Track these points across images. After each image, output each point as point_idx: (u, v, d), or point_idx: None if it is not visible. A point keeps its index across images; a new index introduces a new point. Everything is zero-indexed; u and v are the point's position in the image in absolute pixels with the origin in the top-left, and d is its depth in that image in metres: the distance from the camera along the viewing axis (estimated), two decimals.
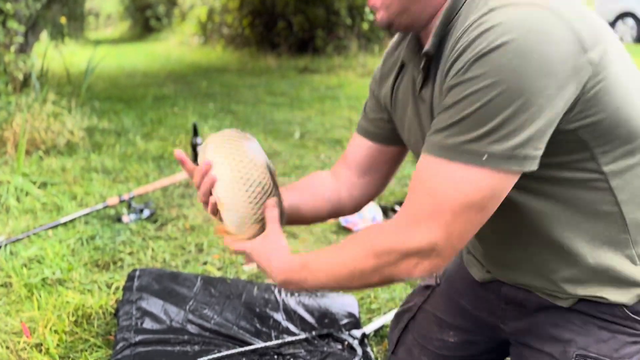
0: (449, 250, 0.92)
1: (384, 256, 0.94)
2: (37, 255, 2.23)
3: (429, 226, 0.90)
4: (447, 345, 1.39)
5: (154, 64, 9.91)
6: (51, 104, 3.96)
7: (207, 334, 1.66)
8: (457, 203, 0.88)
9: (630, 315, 1.05)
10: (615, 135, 0.94)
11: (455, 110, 0.87)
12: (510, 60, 0.83)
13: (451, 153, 0.87)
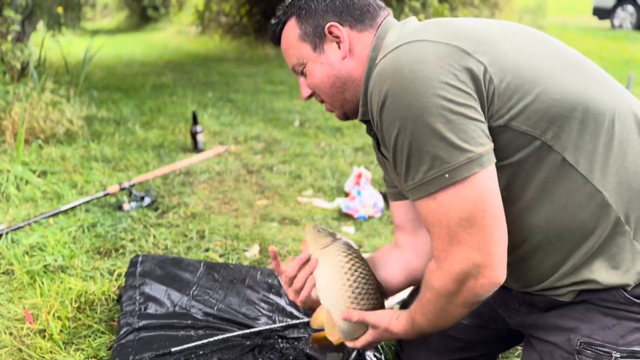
0: (490, 258, 0.98)
1: (445, 293, 1.05)
2: (38, 242, 2.23)
3: (455, 249, 0.99)
4: (459, 327, 1.39)
5: (152, 53, 9.86)
6: (49, 93, 3.94)
7: (211, 319, 1.66)
8: (458, 221, 0.96)
9: (633, 300, 1.05)
10: (553, 116, 0.98)
11: (399, 157, 1.00)
12: (401, 98, 0.94)
13: (424, 189, 0.98)
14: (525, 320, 1.23)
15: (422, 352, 1.48)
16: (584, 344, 1.10)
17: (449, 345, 1.44)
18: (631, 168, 1.03)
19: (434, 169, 0.95)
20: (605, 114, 1.01)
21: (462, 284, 1.02)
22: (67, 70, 5.13)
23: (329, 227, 2.63)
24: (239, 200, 2.92)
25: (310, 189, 3.12)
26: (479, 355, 1.46)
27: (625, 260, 1.05)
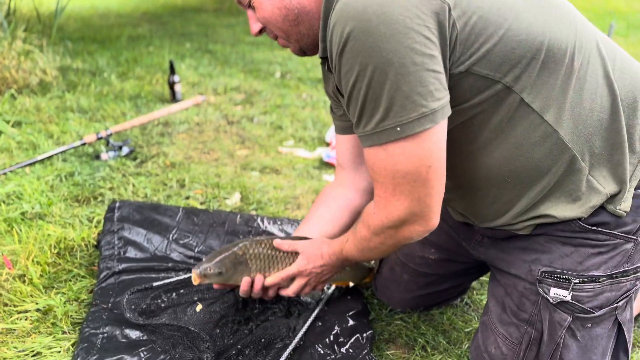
0: (428, 210, 1.01)
1: (381, 233, 1.10)
2: (15, 191, 2.20)
3: (397, 199, 1.01)
4: (427, 262, 1.43)
5: (128, 3, 9.53)
6: (21, 42, 3.80)
7: (192, 261, 1.67)
8: (404, 174, 0.97)
9: (588, 227, 1.08)
10: (515, 57, 0.96)
11: (353, 104, 0.98)
12: (363, 42, 0.89)
13: (375, 139, 0.97)
14: (489, 253, 1.27)
15: (395, 290, 1.53)
16: (544, 273, 1.14)
17: (419, 282, 1.48)
18: (587, 105, 1.03)
19: (386, 120, 0.94)
20: (566, 51, 1.00)
21: (397, 229, 1.07)
22: (39, 20, 4.94)
23: (310, 175, 2.63)
24: (219, 150, 2.90)
25: (291, 139, 3.11)
26: (451, 287, 1.51)
27: (580, 195, 1.07)
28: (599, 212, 1.08)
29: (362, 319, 1.49)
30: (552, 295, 1.13)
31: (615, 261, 1.10)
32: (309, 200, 2.34)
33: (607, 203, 1.07)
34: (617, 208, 1.07)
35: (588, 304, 1.11)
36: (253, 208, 2.24)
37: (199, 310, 1.47)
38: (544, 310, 1.15)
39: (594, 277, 1.10)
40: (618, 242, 1.09)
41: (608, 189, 1.06)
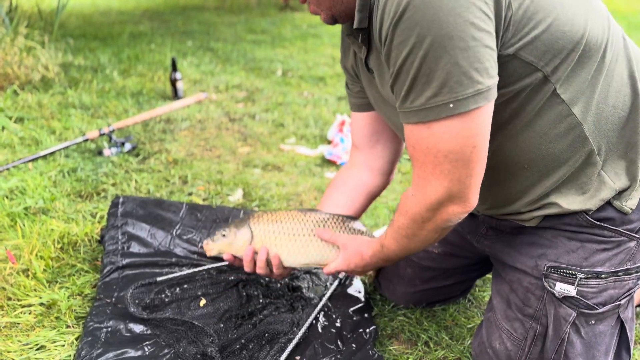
0: (467, 190, 0.99)
1: (419, 218, 1.07)
2: (18, 186, 2.20)
3: (436, 179, 0.98)
4: (431, 256, 1.44)
5: (129, 1, 9.53)
6: (23, 38, 3.80)
7: (195, 257, 1.68)
8: (447, 153, 0.94)
9: (595, 222, 1.09)
10: (558, 48, 0.96)
11: (403, 77, 0.93)
12: (423, 13, 0.86)
13: (422, 115, 0.93)
14: (495, 247, 1.27)
15: (399, 285, 1.53)
16: (550, 268, 1.14)
17: (422, 276, 1.49)
18: (611, 102, 1.04)
19: (439, 96, 0.90)
20: (600, 46, 1.00)
21: (435, 211, 1.04)
22: (41, 17, 4.94)
23: (312, 172, 2.64)
24: (221, 147, 2.90)
25: (293, 136, 3.11)
26: (454, 283, 1.51)
27: (590, 188, 1.08)
28: (605, 208, 1.09)
29: (365, 314, 1.49)
30: (557, 290, 1.13)
31: (619, 259, 1.11)
32: (311, 197, 2.34)
33: (614, 199, 1.09)
34: (623, 204, 1.08)
35: (592, 300, 1.12)
36: (256, 204, 2.25)
37: (202, 305, 1.48)
38: (549, 305, 1.16)
39: (598, 273, 1.11)
40: (622, 240, 1.11)
41: (618, 185, 1.08)
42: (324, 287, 1.57)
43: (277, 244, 1.32)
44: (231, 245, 1.34)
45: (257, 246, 1.33)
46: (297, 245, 1.32)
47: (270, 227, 1.32)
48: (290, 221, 1.33)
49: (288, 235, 1.32)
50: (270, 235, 1.32)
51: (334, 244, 1.34)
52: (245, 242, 1.33)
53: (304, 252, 1.33)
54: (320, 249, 1.33)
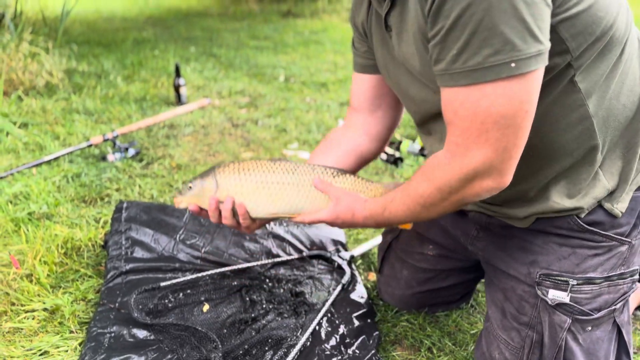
0: (505, 164, 0.93)
1: (447, 188, 0.99)
2: (22, 192, 2.21)
3: (479, 147, 0.91)
4: (426, 259, 1.44)
5: (132, 8, 9.58)
6: (27, 44, 3.82)
7: (198, 262, 1.68)
8: (498, 118, 0.87)
9: (585, 227, 1.09)
10: (590, 32, 0.92)
11: (457, 32, 0.84)
12: None
13: (477, 76, 0.85)
14: (488, 250, 1.26)
15: (396, 287, 1.54)
16: (542, 276, 1.14)
17: (418, 277, 1.49)
18: (622, 100, 1.02)
19: (500, 54, 0.82)
20: (622, 41, 0.97)
21: (468, 183, 0.96)
22: (45, 23, 4.98)
23: None
24: (225, 153, 2.91)
25: (296, 142, 3.12)
26: (452, 285, 1.50)
27: (585, 185, 1.07)
28: (595, 211, 1.08)
29: (369, 320, 1.49)
30: (550, 297, 1.13)
31: (612, 263, 1.11)
32: None
33: (605, 200, 1.08)
34: (614, 206, 1.08)
35: (587, 306, 1.12)
36: None
37: (205, 311, 1.48)
38: (543, 313, 1.15)
39: (591, 279, 1.11)
40: (613, 245, 1.10)
41: (611, 184, 1.07)
42: (327, 292, 1.57)
43: (243, 193, 1.23)
44: (198, 197, 1.26)
45: (222, 196, 1.24)
46: (264, 194, 1.23)
47: (236, 176, 1.24)
48: (258, 170, 1.24)
49: (255, 184, 1.23)
50: (235, 184, 1.23)
51: (325, 193, 1.24)
52: (211, 192, 1.24)
53: (272, 202, 1.24)
54: (290, 199, 1.24)
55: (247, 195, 1.23)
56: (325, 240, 1.84)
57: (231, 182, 1.24)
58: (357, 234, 2.04)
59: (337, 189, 1.23)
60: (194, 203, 1.27)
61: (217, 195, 1.24)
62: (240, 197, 1.23)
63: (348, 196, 1.22)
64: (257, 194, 1.23)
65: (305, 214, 1.24)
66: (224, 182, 1.24)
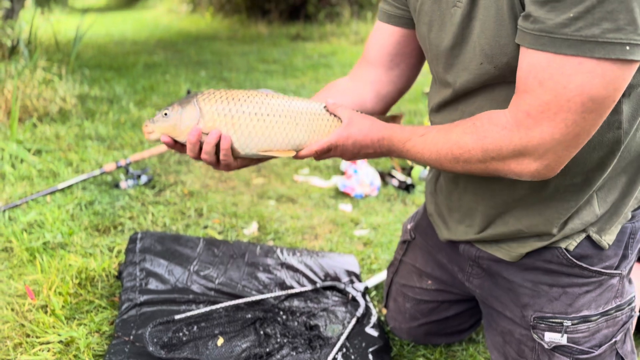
0: (566, 152, 0.87)
1: (494, 152, 0.91)
2: (36, 220, 2.23)
3: (551, 125, 0.84)
4: (426, 292, 1.44)
5: (143, 32, 9.72)
6: (42, 71, 3.89)
7: (212, 293, 1.68)
8: (588, 99, 0.81)
9: (574, 261, 1.07)
10: None
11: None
12: None
13: (587, 48, 0.77)
14: (484, 287, 1.24)
15: (402, 321, 1.53)
16: (536, 319, 1.13)
17: (421, 309, 1.47)
18: None
19: (620, 32, 0.75)
20: None
21: (520, 156, 0.89)
22: (58, 49, 5.06)
23: (326, 204, 2.64)
24: (236, 179, 2.92)
25: (307, 167, 3.13)
26: (456, 314, 1.47)
27: (575, 206, 1.03)
28: (582, 243, 1.06)
29: (384, 355, 1.48)
30: (547, 340, 1.11)
31: (606, 297, 1.09)
32: (326, 231, 2.35)
33: (593, 231, 1.06)
34: (602, 238, 1.06)
35: (586, 344, 1.10)
36: (271, 238, 2.25)
37: (220, 345, 1.47)
38: (542, 356, 1.13)
39: (587, 317, 1.09)
40: (603, 279, 1.09)
41: (600, 211, 1.05)
42: (341, 325, 1.56)
43: (234, 125, 1.06)
44: (175, 127, 1.07)
45: (206, 127, 1.06)
46: (259, 127, 1.06)
47: (225, 105, 1.07)
48: (249, 99, 1.08)
49: (248, 115, 1.06)
50: (224, 114, 1.06)
51: (334, 113, 1.12)
52: (192, 122, 1.06)
53: (267, 136, 1.07)
54: (288, 133, 1.08)
55: (237, 128, 1.06)
56: (338, 271, 1.84)
57: (219, 111, 1.06)
58: (371, 264, 2.04)
59: (351, 110, 1.11)
60: (168, 134, 1.08)
61: (201, 126, 1.06)
62: (229, 129, 1.06)
63: (363, 118, 1.10)
64: (250, 127, 1.06)
65: (311, 144, 1.10)
66: (209, 111, 1.06)
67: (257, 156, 1.12)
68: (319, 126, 1.11)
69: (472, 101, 1.03)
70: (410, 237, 1.48)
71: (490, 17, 0.92)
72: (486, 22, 0.93)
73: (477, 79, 0.98)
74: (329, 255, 1.93)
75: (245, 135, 1.07)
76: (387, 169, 3.06)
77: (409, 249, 1.50)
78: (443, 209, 1.28)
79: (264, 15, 10.26)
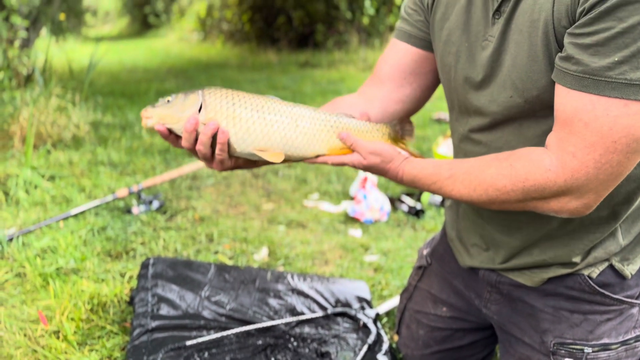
0: (605, 191, 0.88)
1: (535, 193, 0.91)
2: (49, 246, 2.25)
3: (597, 166, 0.85)
4: (441, 319, 1.43)
5: (154, 59, 9.91)
6: (56, 98, 3.97)
7: (223, 319, 1.68)
8: (631, 141, 0.83)
9: (596, 288, 1.07)
10: None
11: (629, 39, 0.78)
12: None
13: (631, 90, 0.80)
14: (502, 313, 1.24)
15: (415, 348, 1.51)
16: (557, 345, 1.12)
17: (435, 336, 1.46)
18: None
19: None
20: None
21: (562, 195, 0.90)
22: (72, 77, 5.17)
23: (336, 230, 2.65)
24: (246, 204, 2.94)
25: (316, 192, 3.15)
26: (470, 342, 1.46)
27: (601, 238, 1.05)
28: (605, 271, 1.07)
29: None
30: None
31: (626, 327, 1.09)
32: (336, 256, 2.35)
33: (616, 260, 1.07)
34: (625, 267, 1.07)
35: None
36: (281, 263, 2.26)
37: None
38: None
39: (607, 345, 1.09)
40: (624, 307, 1.09)
41: (624, 242, 1.06)
42: (352, 352, 1.56)
43: (235, 118, 1.04)
44: (175, 115, 1.04)
45: (206, 118, 1.04)
46: (259, 123, 1.05)
47: (229, 99, 1.05)
48: (252, 98, 1.07)
49: (249, 111, 1.05)
50: (227, 107, 1.04)
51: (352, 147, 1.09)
52: (193, 111, 1.04)
53: (266, 134, 1.06)
54: (287, 134, 1.07)
55: (237, 122, 1.04)
56: (349, 297, 1.84)
57: (221, 104, 1.05)
58: (381, 290, 2.03)
59: (382, 145, 1.09)
60: (166, 123, 1.05)
61: (202, 117, 1.04)
62: (230, 122, 1.04)
63: (393, 151, 1.09)
64: (250, 122, 1.05)
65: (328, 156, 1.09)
66: (212, 103, 1.05)
67: (252, 156, 1.09)
68: (319, 132, 1.10)
69: (500, 135, 1.04)
70: (427, 262, 1.48)
71: (522, 52, 0.94)
72: (518, 57, 0.94)
73: (505, 111, 1.00)
74: (340, 281, 1.94)
75: (243, 130, 1.05)
76: (396, 194, 3.07)
77: (425, 275, 1.49)
78: (465, 236, 1.28)
79: (273, 43, 10.43)
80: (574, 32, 0.85)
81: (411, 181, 1.08)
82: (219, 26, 12.21)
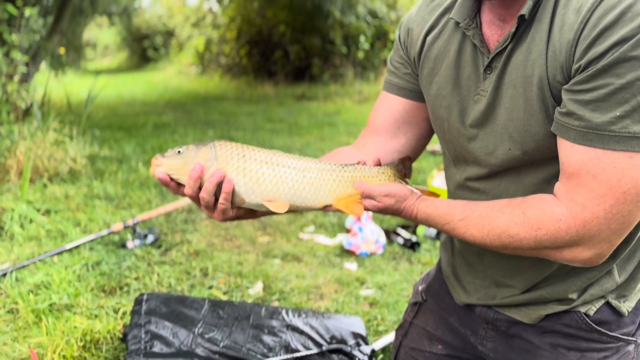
0: (616, 241, 0.90)
1: (548, 243, 0.92)
2: (43, 281, 2.24)
3: (608, 217, 0.86)
4: (436, 356, 1.41)
5: (153, 93, 10.01)
6: (53, 132, 4.00)
7: (217, 357, 1.66)
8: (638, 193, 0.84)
9: (593, 326, 1.07)
10: None
11: (628, 95, 0.81)
12: None
13: (634, 143, 0.82)
14: (499, 350, 1.23)
15: None
16: None
17: None
18: None
19: None
20: None
21: (574, 245, 0.91)
22: (70, 110, 5.21)
23: (331, 263, 2.64)
24: (241, 237, 2.94)
25: (312, 225, 3.15)
26: None
27: (598, 277, 1.05)
28: (602, 309, 1.07)
29: None
30: None
31: None
32: (332, 290, 2.34)
33: (613, 297, 1.07)
34: (622, 304, 1.07)
35: None
36: (276, 298, 2.24)
37: None
38: None
39: None
40: (620, 345, 1.09)
41: (620, 280, 1.06)
42: None
43: (244, 169, 1.05)
44: (184, 167, 1.04)
45: (216, 170, 1.04)
46: (267, 174, 1.07)
47: (240, 151, 1.06)
48: (262, 150, 1.09)
49: (259, 162, 1.06)
50: (237, 159, 1.06)
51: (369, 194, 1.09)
52: (205, 164, 1.04)
53: (274, 185, 1.07)
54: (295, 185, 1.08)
55: (247, 173, 1.06)
56: (345, 333, 1.82)
57: (232, 155, 1.06)
58: (377, 325, 2.02)
59: (395, 185, 1.10)
60: (174, 173, 1.05)
61: (212, 169, 1.04)
62: (240, 173, 1.05)
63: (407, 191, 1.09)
64: (260, 174, 1.06)
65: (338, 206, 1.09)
66: (223, 155, 1.06)
67: (259, 207, 1.10)
68: (325, 182, 1.12)
69: (498, 184, 1.05)
70: (422, 299, 1.47)
71: (518, 106, 0.96)
72: (514, 111, 0.96)
73: (504, 163, 1.02)
74: (335, 316, 1.92)
75: (253, 181, 1.06)
76: (392, 227, 3.07)
77: (420, 311, 1.48)
78: (461, 274, 1.28)
79: (270, 77, 10.58)
80: (572, 88, 0.87)
81: (425, 220, 1.09)
82: (217, 60, 12.39)
